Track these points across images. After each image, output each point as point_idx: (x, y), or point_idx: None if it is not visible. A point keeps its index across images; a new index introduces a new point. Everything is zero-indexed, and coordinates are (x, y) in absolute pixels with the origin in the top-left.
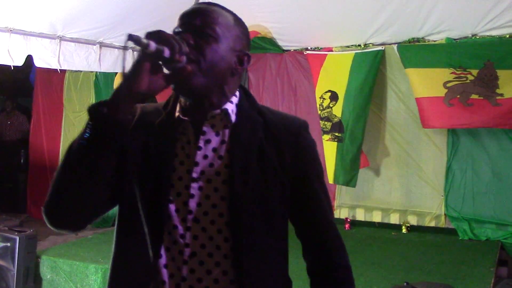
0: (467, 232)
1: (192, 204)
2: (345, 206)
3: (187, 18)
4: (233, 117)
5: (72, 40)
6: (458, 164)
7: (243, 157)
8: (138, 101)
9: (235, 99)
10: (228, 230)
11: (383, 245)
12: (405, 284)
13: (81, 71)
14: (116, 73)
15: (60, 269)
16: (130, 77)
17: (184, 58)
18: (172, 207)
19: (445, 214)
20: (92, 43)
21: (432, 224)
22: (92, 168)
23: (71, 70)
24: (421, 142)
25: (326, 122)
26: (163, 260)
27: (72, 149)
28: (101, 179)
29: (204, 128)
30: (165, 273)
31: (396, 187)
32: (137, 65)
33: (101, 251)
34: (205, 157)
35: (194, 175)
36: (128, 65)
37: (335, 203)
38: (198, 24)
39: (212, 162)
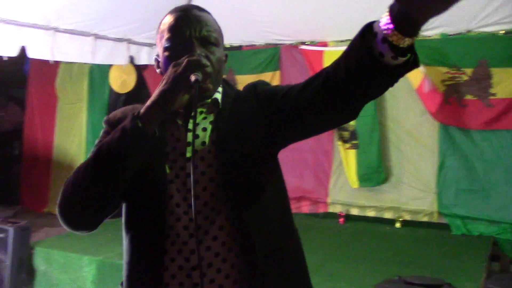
0: (460, 227)
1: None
2: (338, 203)
3: (187, 28)
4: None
5: (66, 31)
6: (449, 162)
7: (227, 132)
8: (166, 116)
9: (220, 89)
10: (225, 196)
11: (376, 239)
12: (397, 277)
13: (75, 62)
14: (110, 65)
15: (54, 260)
16: (168, 97)
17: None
18: (172, 186)
19: (438, 211)
20: (86, 34)
21: (426, 219)
22: (119, 177)
23: (66, 62)
24: (411, 142)
25: (343, 132)
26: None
27: (100, 156)
28: (122, 185)
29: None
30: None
31: (390, 185)
32: (176, 86)
33: (95, 243)
34: (196, 137)
35: (188, 154)
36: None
37: (328, 200)
38: (203, 35)
39: (204, 141)
